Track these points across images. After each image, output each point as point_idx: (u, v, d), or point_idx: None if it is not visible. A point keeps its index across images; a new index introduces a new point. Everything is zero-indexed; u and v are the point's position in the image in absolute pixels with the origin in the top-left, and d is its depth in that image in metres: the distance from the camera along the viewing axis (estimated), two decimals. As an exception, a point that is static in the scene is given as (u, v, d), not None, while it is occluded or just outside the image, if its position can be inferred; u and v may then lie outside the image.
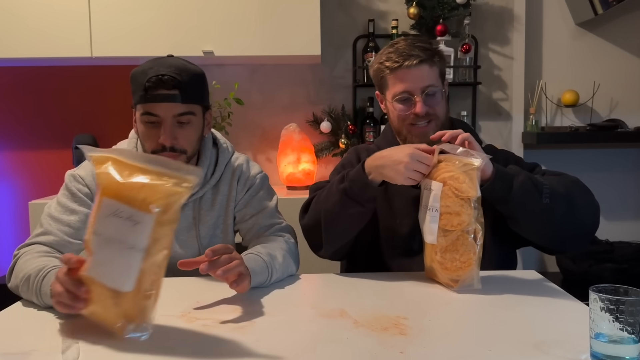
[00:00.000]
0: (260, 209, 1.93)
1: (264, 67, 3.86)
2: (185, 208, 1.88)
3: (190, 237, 1.89)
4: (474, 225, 1.59)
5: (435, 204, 1.62)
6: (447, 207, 1.60)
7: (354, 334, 1.30)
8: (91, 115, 3.85)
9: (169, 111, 1.71)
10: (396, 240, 1.90)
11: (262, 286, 1.66)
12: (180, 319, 1.42)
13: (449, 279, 1.64)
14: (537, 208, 1.67)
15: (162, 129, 1.71)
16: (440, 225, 1.62)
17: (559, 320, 1.38)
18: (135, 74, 1.73)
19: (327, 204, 1.81)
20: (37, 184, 3.86)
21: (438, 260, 1.64)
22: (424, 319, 1.39)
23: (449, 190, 1.60)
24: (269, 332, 1.32)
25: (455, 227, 1.60)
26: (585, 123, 3.84)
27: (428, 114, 1.85)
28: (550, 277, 1.84)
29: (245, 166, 1.97)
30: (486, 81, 3.85)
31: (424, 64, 1.83)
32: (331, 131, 3.75)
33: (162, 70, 1.69)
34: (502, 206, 1.71)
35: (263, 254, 1.70)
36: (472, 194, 1.58)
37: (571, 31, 3.88)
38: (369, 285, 1.72)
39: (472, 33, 3.70)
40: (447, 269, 1.63)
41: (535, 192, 1.67)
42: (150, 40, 3.35)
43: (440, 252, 1.63)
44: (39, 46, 3.35)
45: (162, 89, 1.69)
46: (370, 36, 3.70)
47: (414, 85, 1.84)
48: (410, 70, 1.83)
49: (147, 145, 1.75)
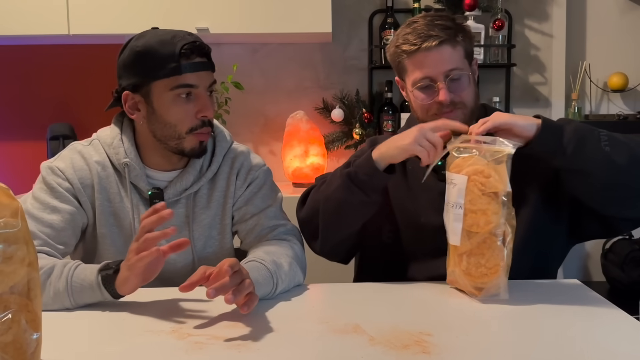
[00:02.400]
0: (263, 207, 1.92)
1: (267, 46, 3.86)
2: (178, 205, 1.88)
3: (185, 237, 1.86)
4: (503, 227, 1.60)
5: (460, 200, 1.62)
6: (471, 205, 1.61)
7: (370, 352, 1.30)
8: (68, 102, 3.86)
9: (206, 80, 1.79)
10: (422, 240, 1.90)
11: (265, 298, 1.66)
12: (171, 335, 1.42)
13: (472, 286, 1.64)
14: (597, 154, 1.66)
15: (198, 101, 1.76)
16: (464, 226, 1.62)
17: (605, 337, 1.38)
18: (152, 44, 1.73)
19: (328, 189, 1.83)
20: (7, 180, 3.87)
21: (461, 265, 1.64)
22: (450, 335, 1.39)
23: (474, 185, 1.60)
24: (272, 351, 1.32)
25: (481, 229, 1.60)
26: (635, 110, 3.82)
27: (453, 102, 1.83)
28: (595, 287, 1.83)
29: (246, 158, 1.96)
30: (521, 62, 3.83)
31: (446, 45, 1.81)
32: (344, 120, 3.75)
33: (187, 37, 1.75)
34: (556, 159, 1.69)
35: (267, 262, 1.69)
36: (500, 188, 1.59)
37: (620, 5, 3.86)
38: (386, 296, 1.72)
39: (505, 7, 3.69)
40: (470, 274, 1.63)
41: (591, 137, 1.67)
42: (135, 16, 3.36)
43: (465, 256, 1.63)
44: (7, 23, 3.36)
45: (197, 56, 1.75)
46: (389, 11, 3.69)
47: (435, 70, 1.82)
48: (429, 53, 1.81)
49: (182, 124, 1.77)
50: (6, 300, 1.07)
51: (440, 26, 1.81)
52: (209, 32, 3.37)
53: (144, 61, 1.74)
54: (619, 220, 1.82)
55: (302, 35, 3.55)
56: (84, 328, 1.49)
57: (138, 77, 1.76)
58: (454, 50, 1.82)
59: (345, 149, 3.82)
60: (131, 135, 1.87)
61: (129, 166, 1.83)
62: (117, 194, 1.85)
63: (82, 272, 1.59)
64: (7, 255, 1.07)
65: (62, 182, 1.81)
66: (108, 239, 1.85)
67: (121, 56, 1.80)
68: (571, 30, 3.85)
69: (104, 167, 1.85)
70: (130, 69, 1.77)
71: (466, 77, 1.85)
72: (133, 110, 1.81)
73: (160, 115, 1.77)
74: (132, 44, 1.77)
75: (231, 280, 1.44)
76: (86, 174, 1.84)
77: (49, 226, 1.75)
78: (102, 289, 1.56)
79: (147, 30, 1.80)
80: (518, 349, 1.33)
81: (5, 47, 3.81)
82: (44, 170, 1.84)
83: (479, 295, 1.62)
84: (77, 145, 1.89)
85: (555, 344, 1.34)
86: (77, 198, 1.82)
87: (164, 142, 1.80)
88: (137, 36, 1.79)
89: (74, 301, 1.59)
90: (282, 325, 1.48)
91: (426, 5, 3.70)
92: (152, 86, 1.75)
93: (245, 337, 1.39)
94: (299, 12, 3.39)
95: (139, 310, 1.57)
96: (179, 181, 1.86)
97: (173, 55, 1.71)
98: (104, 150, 1.87)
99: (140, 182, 1.84)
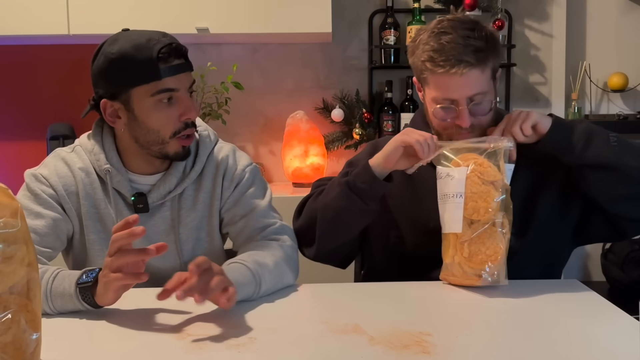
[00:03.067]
0: (252, 208, 1.89)
1: (267, 46, 3.86)
2: (163, 208, 1.86)
3: (169, 242, 1.84)
4: (502, 218, 1.66)
5: (460, 190, 1.67)
6: (472, 194, 1.66)
7: (370, 352, 1.30)
8: (68, 102, 3.85)
9: (185, 82, 1.75)
10: (431, 244, 1.85)
11: (250, 299, 1.64)
12: (171, 335, 1.42)
13: (473, 273, 1.67)
14: (606, 152, 1.70)
15: (180, 104, 1.73)
16: (465, 214, 1.67)
17: (605, 337, 1.38)
18: (127, 50, 1.68)
19: (327, 198, 1.83)
20: (7, 180, 3.86)
21: (463, 252, 1.68)
22: (450, 335, 1.39)
23: (474, 175, 1.67)
24: (271, 351, 1.32)
25: (482, 216, 1.65)
26: (635, 110, 3.82)
27: (472, 125, 1.78)
28: (595, 287, 1.83)
29: (232, 158, 1.92)
30: (521, 62, 3.83)
31: (475, 69, 1.71)
32: (344, 120, 3.74)
33: (163, 39, 1.71)
34: (567, 156, 1.73)
35: (248, 262, 1.67)
36: (498, 177, 1.66)
37: (620, 5, 3.86)
38: (386, 295, 1.72)
39: (505, 7, 3.68)
40: (472, 261, 1.67)
41: (600, 136, 1.72)
42: (135, 16, 3.35)
43: (466, 243, 1.67)
44: (7, 23, 3.36)
45: (175, 58, 1.71)
46: (389, 11, 3.69)
47: (458, 94, 1.74)
48: (456, 77, 1.71)
49: (166, 129, 1.74)
50: (6, 301, 1.07)
51: (472, 48, 1.70)
52: (209, 32, 3.36)
53: (120, 68, 1.69)
54: (628, 221, 1.82)
55: (302, 35, 3.55)
56: (83, 328, 1.49)
57: (116, 84, 1.72)
58: (482, 74, 1.73)
59: (345, 149, 3.82)
60: (112, 141, 1.84)
61: (110, 172, 1.80)
62: (102, 200, 1.83)
63: (61, 284, 1.56)
64: (7, 255, 1.07)
65: (45, 189, 1.79)
66: (97, 245, 1.83)
67: (95, 63, 1.74)
68: (571, 30, 3.84)
69: (87, 173, 1.83)
70: (107, 77, 1.72)
71: (488, 102, 1.78)
72: (113, 117, 1.77)
73: (142, 121, 1.74)
74: (105, 50, 1.71)
75: (200, 279, 1.42)
76: (70, 180, 1.82)
77: (33, 231, 1.71)
78: (80, 301, 1.53)
79: (119, 33, 1.75)
80: (518, 348, 1.33)
81: (5, 47, 3.81)
82: (27, 177, 1.83)
83: (479, 282, 1.66)
84: (61, 152, 1.87)
85: (555, 343, 1.34)
86: (62, 205, 1.80)
87: (147, 147, 1.77)
88: (110, 41, 1.73)
89: (55, 309, 1.57)
90: (282, 325, 1.48)
91: (426, 5, 3.70)
92: (131, 93, 1.71)
93: (245, 337, 1.39)
94: (299, 12, 3.38)
95: (138, 311, 1.57)
96: (162, 184, 1.83)
97: (151, 60, 1.66)
98: (87, 157, 1.85)
99: (122, 188, 1.82)
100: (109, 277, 1.47)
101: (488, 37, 1.75)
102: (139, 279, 1.47)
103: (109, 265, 1.47)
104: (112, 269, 1.46)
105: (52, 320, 1.51)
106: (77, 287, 1.53)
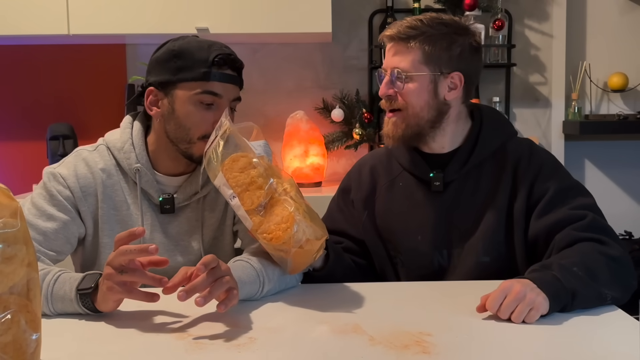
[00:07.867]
0: None
1: (267, 46, 3.86)
2: (187, 209, 1.88)
3: (195, 241, 1.88)
4: (277, 186, 1.61)
5: (229, 191, 1.62)
6: (239, 187, 1.61)
7: (370, 352, 1.30)
8: (68, 102, 3.86)
9: (231, 93, 1.78)
10: (420, 260, 1.89)
11: (252, 299, 1.65)
12: (171, 335, 1.42)
13: (278, 249, 1.59)
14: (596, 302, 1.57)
15: (218, 112, 1.75)
16: (246, 207, 1.60)
17: (605, 337, 1.38)
18: (189, 47, 1.75)
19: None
20: (7, 180, 3.87)
21: (270, 239, 1.58)
22: (451, 335, 1.39)
23: (229, 172, 1.62)
24: (272, 351, 1.32)
25: (259, 198, 1.59)
26: (635, 110, 3.82)
27: (390, 99, 1.85)
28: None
29: None
30: (522, 62, 3.83)
31: (401, 43, 1.82)
32: (344, 120, 3.75)
33: (224, 48, 1.78)
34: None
35: (253, 261, 1.67)
36: (249, 156, 1.63)
37: (620, 5, 3.86)
38: (387, 296, 1.72)
39: (505, 7, 3.69)
40: (281, 238, 1.55)
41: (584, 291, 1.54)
42: (135, 16, 3.36)
43: (264, 227, 1.58)
44: (7, 23, 3.36)
45: (229, 68, 1.76)
46: (389, 11, 3.69)
47: (385, 63, 1.87)
48: (387, 47, 1.86)
49: (197, 129, 1.76)
50: (6, 301, 1.07)
51: (408, 24, 1.82)
52: (208, 32, 3.36)
53: (176, 60, 1.75)
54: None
55: (302, 35, 3.55)
56: (83, 328, 1.49)
57: (167, 74, 1.76)
58: (407, 50, 1.82)
59: (345, 149, 3.82)
60: (142, 141, 1.86)
61: (140, 172, 1.81)
62: (123, 202, 1.83)
63: (61, 288, 1.55)
64: (7, 255, 1.06)
65: (62, 190, 1.78)
66: (109, 249, 1.79)
67: (156, 53, 1.81)
68: (571, 30, 3.84)
69: (109, 174, 1.83)
70: (162, 66, 1.77)
71: (409, 79, 1.82)
72: (153, 105, 1.81)
73: (178, 116, 1.76)
74: (169, 44, 1.79)
75: (206, 278, 1.42)
76: (89, 182, 1.81)
77: (42, 234, 1.72)
78: (80, 306, 1.53)
79: (189, 35, 1.83)
80: (517, 348, 1.33)
81: (5, 47, 3.81)
82: (45, 175, 1.81)
83: (291, 253, 1.58)
84: (83, 152, 1.86)
85: (555, 343, 1.34)
86: (77, 207, 1.80)
87: (175, 143, 1.80)
88: (177, 38, 1.81)
89: (55, 312, 1.56)
90: (282, 325, 1.48)
91: (426, 5, 3.70)
92: (178, 86, 1.75)
93: (245, 337, 1.39)
94: (299, 12, 3.38)
95: (138, 311, 1.57)
96: (188, 185, 1.85)
97: (206, 61, 1.73)
98: (112, 156, 1.85)
99: (150, 188, 1.83)
100: (115, 290, 1.45)
101: (436, 25, 1.82)
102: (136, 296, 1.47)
103: (110, 262, 1.45)
104: (114, 265, 1.44)
105: (52, 321, 1.51)
106: (77, 293, 1.52)
